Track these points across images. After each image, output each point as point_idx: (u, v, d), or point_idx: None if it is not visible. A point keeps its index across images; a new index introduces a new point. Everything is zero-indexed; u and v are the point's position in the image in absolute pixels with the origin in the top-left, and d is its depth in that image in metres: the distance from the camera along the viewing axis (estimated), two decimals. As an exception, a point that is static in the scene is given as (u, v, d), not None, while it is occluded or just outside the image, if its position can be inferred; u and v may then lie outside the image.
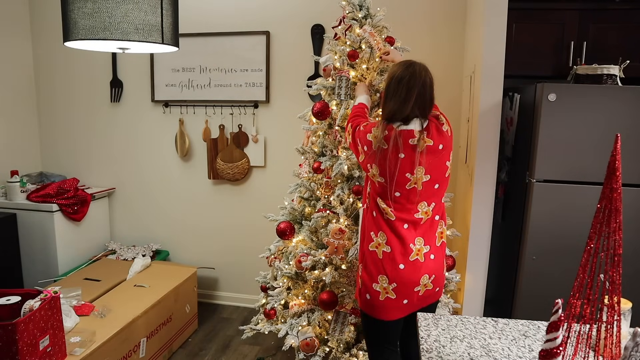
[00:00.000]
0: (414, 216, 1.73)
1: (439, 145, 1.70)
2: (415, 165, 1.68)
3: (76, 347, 2.03)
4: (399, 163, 1.68)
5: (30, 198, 3.14)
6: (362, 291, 1.80)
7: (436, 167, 1.71)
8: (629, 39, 2.45)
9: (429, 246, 1.76)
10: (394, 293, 1.72)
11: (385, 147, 1.68)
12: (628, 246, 2.16)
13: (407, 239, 1.72)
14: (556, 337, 0.98)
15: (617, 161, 1.01)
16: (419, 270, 1.73)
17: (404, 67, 1.72)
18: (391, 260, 1.72)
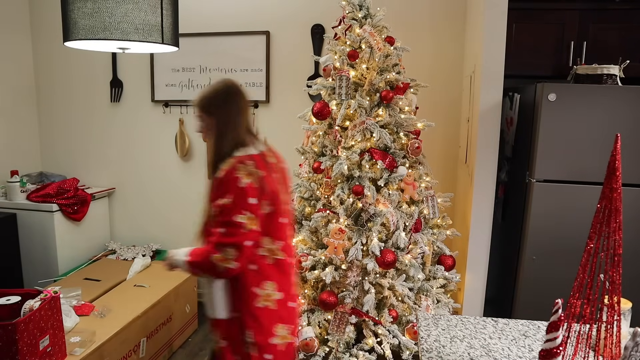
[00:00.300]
0: (287, 242, 1.59)
1: (283, 165, 1.69)
2: (280, 187, 1.59)
3: (76, 347, 2.03)
4: (271, 183, 1.50)
5: (30, 198, 3.13)
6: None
7: (288, 191, 1.62)
8: (629, 39, 2.45)
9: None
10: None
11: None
12: (628, 246, 2.16)
13: (288, 273, 1.57)
14: (556, 337, 0.98)
15: (617, 161, 1.01)
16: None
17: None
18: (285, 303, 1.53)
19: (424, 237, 2.39)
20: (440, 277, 2.44)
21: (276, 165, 1.59)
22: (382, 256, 2.18)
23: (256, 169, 1.44)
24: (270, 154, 1.60)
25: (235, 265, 1.39)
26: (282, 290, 1.52)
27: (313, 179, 2.46)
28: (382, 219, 2.23)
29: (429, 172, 2.48)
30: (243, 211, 1.38)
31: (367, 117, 2.30)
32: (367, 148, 2.31)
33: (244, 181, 1.39)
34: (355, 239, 2.21)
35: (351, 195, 2.26)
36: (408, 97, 2.44)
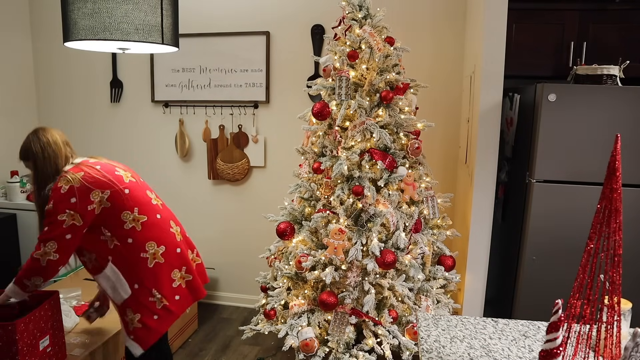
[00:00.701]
0: (151, 203, 1.87)
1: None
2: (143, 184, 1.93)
3: (76, 347, 2.03)
4: (132, 184, 1.85)
5: (30, 198, 3.13)
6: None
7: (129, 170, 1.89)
8: (629, 39, 2.45)
9: (179, 227, 1.96)
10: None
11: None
12: (628, 246, 2.16)
13: (165, 221, 1.91)
14: (556, 338, 0.98)
15: (617, 161, 1.01)
16: (187, 244, 1.99)
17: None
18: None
19: (424, 237, 2.39)
20: (440, 278, 2.44)
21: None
22: (382, 256, 2.18)
23: (80, 170, 1.71)
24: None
25: (55, 257, 1.64)
26: (163, 243, 1.78)
27: (313, 179, 2.46)
28: (382, 219, 2.23)
29: (429, 173, 2.48)
30: (65, 210, 1.63)
31: (367, 118, 2.30)
32: (367, 148, 2.31)
33: (63, 187, 1.65)
34: (355, 240, 2.21)
35: (351, 195, 2.26)
36: (408, 97, 2.44)
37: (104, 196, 1.69)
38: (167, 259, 1.79)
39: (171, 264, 1.80)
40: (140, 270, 1.73)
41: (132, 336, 1.74)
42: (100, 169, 1.74)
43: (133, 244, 1.73)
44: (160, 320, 1.76)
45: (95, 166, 1.75)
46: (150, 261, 1.74)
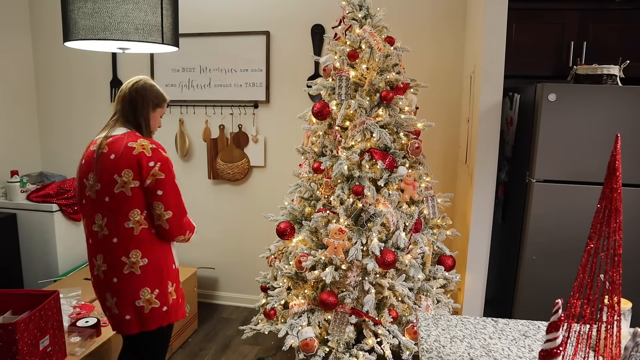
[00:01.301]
0: (92, 228, 1.70)
1: (110, 155, 1.65)
2: (89, 172, 1.71)
3: (76, 347, 2.03)
4: (78, 169, 1.78)
5: (30, 198, 3.14)
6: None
7: (106, 178, 1.64)
8: (629, 39, 2.45)
9: (106, 265, 1.68)
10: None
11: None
12: (628, 246, 2.16)
13: (89, 253, 1.74)
14: (556, 337, 0.98)
15: (617, 161, 1.01)
16: (101, 286, 1.72)
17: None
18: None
19: (424, 237, 2.39)
20: (440, 277, 2.44)
21: (95, 152, 1.70)
22: (382, 256, 2.18)
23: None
24: (107, 140, 1.70)
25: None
26: (89, 261, 1.76)
27: (313, 179, 2.46)
28: (382, 219, 2.23)
29: (429, 172, 2.48)
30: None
31: (367, 117, 2.30)
32: (367, 148, 2.31)
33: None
34: (355, 239, 2.21)
35: (351, 195, 2.26)
36: (408, 97, 2.44)
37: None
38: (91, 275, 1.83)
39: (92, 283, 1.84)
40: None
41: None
42: (80, 168, 1.81)
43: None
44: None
45: (82, 160, 1.81)
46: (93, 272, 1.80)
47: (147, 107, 1.79)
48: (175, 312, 1.77)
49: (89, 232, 1.73)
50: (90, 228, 1.71)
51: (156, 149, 1.69)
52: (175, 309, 1.77)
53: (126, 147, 1.64)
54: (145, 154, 1.64)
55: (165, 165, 1.68)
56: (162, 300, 1.72)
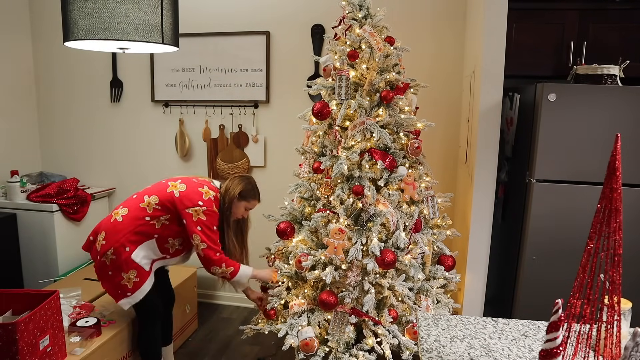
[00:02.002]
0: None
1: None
2: None
3: (76, 347, 2.03)
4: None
5: (30, 198, 3.13)
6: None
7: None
8: (629, 39, 2.45)
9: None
10: None
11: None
12: (628, 246, 2.16)
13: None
14: (556, 337, 0.98)
15: (617, 161, 1.01)
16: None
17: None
18: None
19: (424, 237, 2.39)
20: (440, 277, 2.44)
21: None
22: (382, 256, 2.18)
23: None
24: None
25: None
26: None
27: (313, 179, 2.46)
28: (382, 219, 2.23)
29: (429, 172, 2.48)
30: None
31: (367, 117, 2.30)
32: (367, 148, 2.31)
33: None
34: (355, 239, 2.21)
35: (351, 195, 2.26)
36: (408, 97, 2.44)
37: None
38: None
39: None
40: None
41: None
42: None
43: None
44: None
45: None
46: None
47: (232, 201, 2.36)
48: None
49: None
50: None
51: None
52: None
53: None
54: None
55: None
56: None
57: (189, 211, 2.17)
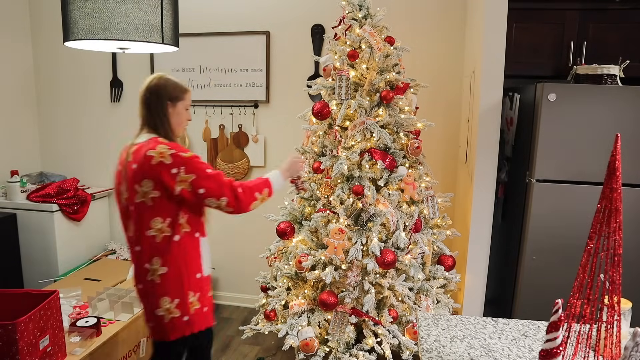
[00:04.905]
0: (128, 234, 1.70)
1: (133, 164, 1.61)
2: (122, 181, 1.67)
3: (76, 347, 2.03)
4: (115, 176, 1.73)
5: (30, 198, 3.13)
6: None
7: (130, 188, 1.62)
8: (629, 39, 2.45)
9: (131, 272, 1.69)
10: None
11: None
12: (628, 246, 2.16)
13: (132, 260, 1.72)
14: (556, 337, 0.98)
15: (617, 161, 1.01)
16: (136, 291, 1.73)
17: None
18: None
19: (424, 237, 2.39)
20: (440, 277, 2.44)
21: (125, 160, 1.67)
22: (382, 256, 2.18)
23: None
24: (133, 148, 1.66)
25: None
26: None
27: (313, 179, 2.46)
28: (382, 219, 2.23)
29: (429, 172, 2.48)
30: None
31: (367, 117, 2.30)
32: (367, 148, 2.31)
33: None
34: (355, 239, 2.21)
35: (351, 195, 2.26)
36: (408, 97, 2.44)
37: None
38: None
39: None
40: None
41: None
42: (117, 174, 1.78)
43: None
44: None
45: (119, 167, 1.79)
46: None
47: (163, 105, 1.72)
48: (199, 321, 1.70)
49: (127, 239, 1.71)
50: (127, 235, 1.71)
51: (176, 153, 1.58)
52: (198, 318, 1.69)
53: (145, 156, 1.57)
54: (164, 162, 1.56)
55: (190, 165, 1.58)
56: (183, 310, 1.65)
57: (171, 172, 1.57)
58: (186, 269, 1.65)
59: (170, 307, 1.63)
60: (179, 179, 1.56)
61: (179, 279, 1.64)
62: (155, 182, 1.56)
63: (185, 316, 1.65)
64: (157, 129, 1.70)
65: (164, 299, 1.62)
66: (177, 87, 1.74)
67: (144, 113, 1.74)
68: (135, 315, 2.41)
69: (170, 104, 1.72)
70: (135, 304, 2.45)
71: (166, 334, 1.66)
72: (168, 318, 1.64)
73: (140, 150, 1.61)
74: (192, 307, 1.67)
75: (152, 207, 1.59)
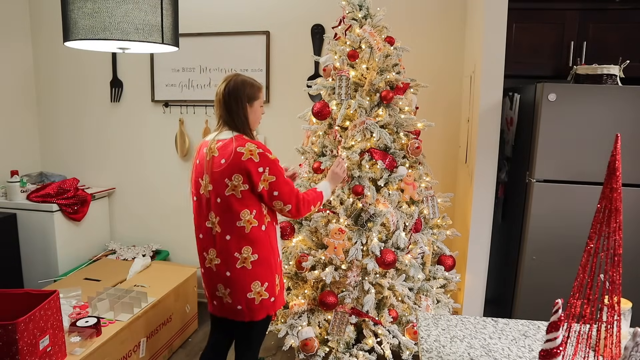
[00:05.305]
0: (205, 224, 1.82)
1: (221, 159, 1.74)
2: (203, 172, 1.80)
3: (76, 347, 2.03)
4: (193, 167, 1.88)
5: (30, 198, 3.13)
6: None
7: (217, 181, 1.75)
8: (629, 39, 2.45)
9: (220, 259, 1.80)
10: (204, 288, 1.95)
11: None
12: (628, 246, 2.16)
13: (200, 247, 1.87)
14: (556, 337, 0.98)
15: (617, 161, 1.01)
16: (213, 278, 1.85)
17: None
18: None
19: (424, 237, 2.39)
20: (440, 277, 2.44)
21: (207, 154, 1.81)
22: (382, 256, 2.18)
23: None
24: (218, 144, 1.79)
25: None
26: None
27: (313, 179, 2.46)
28: (382, 219, 2.23)
29: (429, 172, 2.48)
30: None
31: (367, 117, 2.30)
32: (367, 148, 2.31)
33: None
34: (355, 239, 2.21)
35: (351, 195, 2.26)
36: (408, 97, 2.44)
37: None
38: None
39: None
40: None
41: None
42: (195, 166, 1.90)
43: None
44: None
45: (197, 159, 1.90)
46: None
47: (243, 106, 1.81)
48: (280, 301, 1.91)
49: (200, 227, 1.85)
50: (202, 224, 1.83)
51: (263, 153, 1.73)
52: (279, 299, 1.90)
53: (235, 152, 1.71)
54: (253, 160, 1.70)
55: (273, 168, 1.74)
56: (270, 291, 1.84)
57: (258, 170, 1.72)
58: (272, 255, 1.84)
59: (261, 290, 1.81)
60: (263, 178, 1.72)
61: (268, 264, 1.81)
62: (244, 177, 1.71)
63: (272, 297, 1.85)
64: (238, 128, 1.80)
65: (255, 282, 1.80)
66: (254, 87, 1.84)
67: (223, 114, 1.83)
68: (136, 315, 2.41)
69: (249, 104, 1.82)
70: (135, 303, 2.45)
71: (255, 314, 1.83)
72: (259, 300, 1.81)
73: (228, 147, 1.74)
74: (276, 288, 1.87)
75: (242, 199, 1.73)
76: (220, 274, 1.82)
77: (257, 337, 1.93)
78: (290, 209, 1.80)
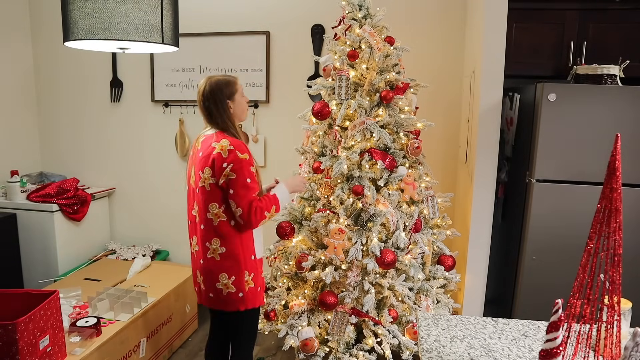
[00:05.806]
0: (191, 212, 1.92)
1: (199, 152, 1.85)
2: (190, 165, 1.93)
3: (76, 347, 2.03)
4: (188, 159, 2.01)
5: (30, 198, 3.13)
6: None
7: (197, 173, 1.84)
8: (629, 39, 2.45)
9: (198, 247, 1.89)
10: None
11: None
12: (628, 246, 2.16)
13: (189, 234, 1.97)
14: (556, 337, 0.98)
15: (617, 161, 1.01)
16: (194, 264, 1.95)
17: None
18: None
19: (424, 237, 2.39)
20: (440, 277, 2.44)
21: (195, 148, 1.93)
22: (382, 256, 2.18)
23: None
24: (202, 138, 1.91)
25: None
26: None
27: (313, 179, 2.46)
28: (382, 219, 2.23)
29: (429, 172, 2.48)
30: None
31: (367, 117, 2.30)
32: (367, 148, 2.31)
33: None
34: (355, 239, 2.21)
35: (351, 195, 2.26)
36: (408, 97, 2.44)
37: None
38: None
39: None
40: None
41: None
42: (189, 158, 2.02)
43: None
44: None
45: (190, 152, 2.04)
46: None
47: (223, 104, 1.86)
48: (252, 299, 1.90)
49: (189, 215, 1.94)
50: (190, 212, 1.93)
51: (233, 150, 1.76)
52: (252, 296, 1.89)
53: (209, 147, 1.79)
54: (222, 155, 1.75)
55: (237, 166, 1.75)
56: (238, 286, 1.85)
57: (222, 165, 1.77)
58: (243, 251, 1.85)
59: (228, 283, 1.84)
60: (224, 173, 1.75)
61: (235, 260, 1.84)
62: (212, 171, 1.77)
63: (240, 292, 1.86)
64: (220, 126, 1.87)
65: (222, 274, 1.84)
66: (229, 84, 1.88)
67: (205, 117, 1.91)
68: (136, 315, 2.41)
69: (229, 101, 1.88)
70: (135, 303, 2.45)
71: (224, 305, 1.88)
72: (225, 292, 1.85)
73: (208, 141, 1.83)
74: (247, 285, 1.87)
75: (210, 192, 1.79)
76: (197, 261, 1.91)
77: (235, 329, 1.96)
78: (241, 213, 1.77)
